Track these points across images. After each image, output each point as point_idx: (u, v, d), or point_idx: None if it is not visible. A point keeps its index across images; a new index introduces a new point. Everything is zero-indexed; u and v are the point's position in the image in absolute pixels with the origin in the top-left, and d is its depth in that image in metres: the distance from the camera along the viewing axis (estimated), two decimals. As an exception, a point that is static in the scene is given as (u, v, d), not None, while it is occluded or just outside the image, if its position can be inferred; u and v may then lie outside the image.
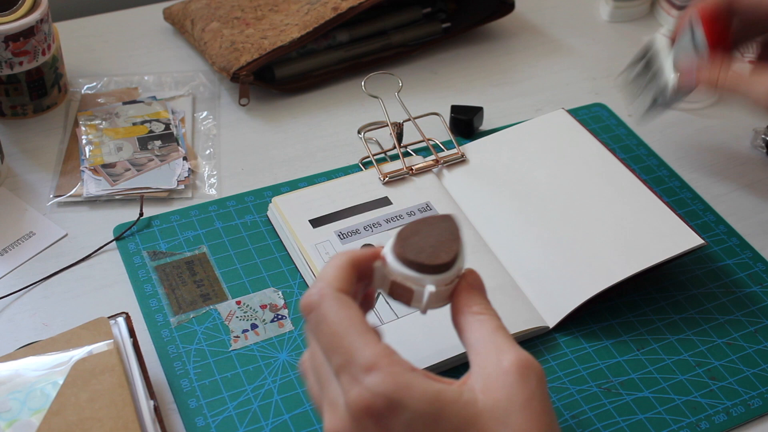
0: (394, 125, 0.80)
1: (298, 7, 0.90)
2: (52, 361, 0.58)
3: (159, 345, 0.65)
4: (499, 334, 0.49)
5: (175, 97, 0.87)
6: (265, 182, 0.79)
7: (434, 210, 0.74)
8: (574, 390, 0.64)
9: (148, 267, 0.71)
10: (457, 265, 0.51)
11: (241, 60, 0.85)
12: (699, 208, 0.78)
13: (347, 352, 0.46)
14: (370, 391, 0.44)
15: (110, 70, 0.91)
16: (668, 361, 0.66)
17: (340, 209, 0.73)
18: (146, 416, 0.57)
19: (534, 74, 0.94)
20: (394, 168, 0.77)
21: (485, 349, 0.48)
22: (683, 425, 0.62)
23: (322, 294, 0.48)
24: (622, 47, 0.99)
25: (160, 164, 0.79)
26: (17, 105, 0.83)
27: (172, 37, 0.96)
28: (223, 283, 0.70)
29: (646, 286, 0.71)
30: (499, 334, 0.49)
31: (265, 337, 0.66)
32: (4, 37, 0.78)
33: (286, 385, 0.63)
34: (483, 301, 0.51)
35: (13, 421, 0.54)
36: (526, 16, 1.02)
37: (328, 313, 0.47)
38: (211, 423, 0.61)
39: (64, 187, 0.77)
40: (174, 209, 0.76)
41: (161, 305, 0.68)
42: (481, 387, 0.46)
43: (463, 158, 0.79)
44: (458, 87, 0.91)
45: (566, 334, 0.67)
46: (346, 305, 0.47)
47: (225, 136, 0.84)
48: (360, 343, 0.46)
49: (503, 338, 0.49)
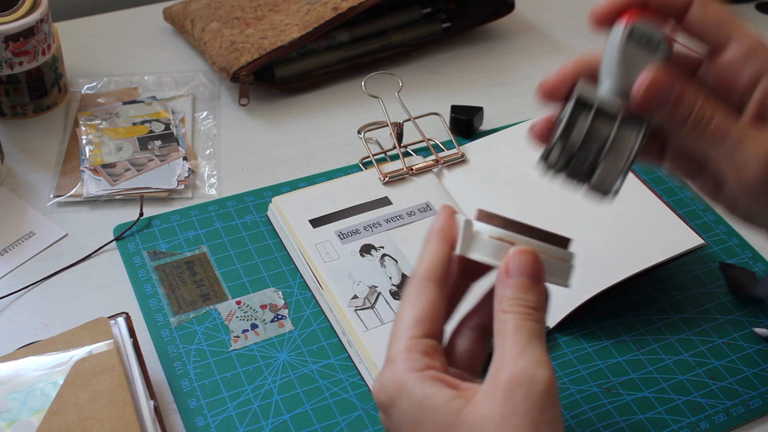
0: (394, 125, 0.80)
1: (298, 7, 0.90)
2: (52, 361, 0.58)
3: (159, 345, 0.65)
4: (512, 338, 0.47)
5: (175, 97, 0.87)
6: (265, 182, 0.79)
7: (434, 210, 0.74)
8: (574, 390, 0.64)
9: (148, 267, 0.71)
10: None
11: (241, 60, 0.85)
12: (699, 208, 0.78)
13: (391, 336, 0.50)
14: (379, 383, 0.49)
15: (110, 70, 0.91)
16: (668, 361, 0.66)
17: (340, 209, 0.73)
18: (146, 416, 0.57)
19: (534, 74, 0.94)
20: (394, 168, 0.77)
21: (495, 357, 0.47)
22: (683, 425, 0.62)
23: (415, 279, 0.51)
24: (622, 47, 0.99)
25: (160, 164, 0.79)
26: (17, 105, 0.83)
27: (172, 37, 0.96)
28: (223, 283, 0.70)
29: (646, 286, 0.71)
30: (512, 338, 0.47)
31: (265, 337, 0.66)
32: (4, 37, 0.78)
33: (286, 385, 0.63)
34: (519, 294, 0.48)
35: (13, 421, 0.54)
36: (526, 16, 1.02)
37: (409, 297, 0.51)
38: (211, 423, 0.61)
39: (64, 187, 0.77)
40: (174, 209, 0.76)
41: (161, 305, 0.68)
42: (478, 397, 0.46)
43: (463, 158, 0.79)
44: (458, 87, 0.91)
45: (566, 334, 0.67)
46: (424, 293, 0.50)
47: (225, 136, 0.84)
48: (394, 339, 0.50)
49: (513, 344, 0.47)
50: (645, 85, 0.50)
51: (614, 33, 0.52)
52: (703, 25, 0.53)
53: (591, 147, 0.52)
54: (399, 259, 0.70)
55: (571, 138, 0.52)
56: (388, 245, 0.71)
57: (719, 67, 0.53)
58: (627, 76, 0.51)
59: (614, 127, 0.51)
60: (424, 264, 0.51)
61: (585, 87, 0.52)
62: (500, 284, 0.49)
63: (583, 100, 0.52)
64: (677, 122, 0.51)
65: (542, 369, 0.46)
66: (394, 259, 0.70)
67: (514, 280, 0.49)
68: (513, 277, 0.49)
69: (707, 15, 0.52)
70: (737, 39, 0.52)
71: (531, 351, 0.46)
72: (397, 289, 0.68)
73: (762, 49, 0.52)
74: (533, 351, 0.47)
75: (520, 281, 0.49)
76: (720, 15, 0.52)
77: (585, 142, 0.52)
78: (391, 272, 0.69)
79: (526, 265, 0.49)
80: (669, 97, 0.51)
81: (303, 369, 0.64)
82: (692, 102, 0.51)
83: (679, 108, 0.51)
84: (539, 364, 0.46)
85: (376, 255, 0.70)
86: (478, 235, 0.51)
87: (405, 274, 0.69)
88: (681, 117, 0.51)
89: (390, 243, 0.71)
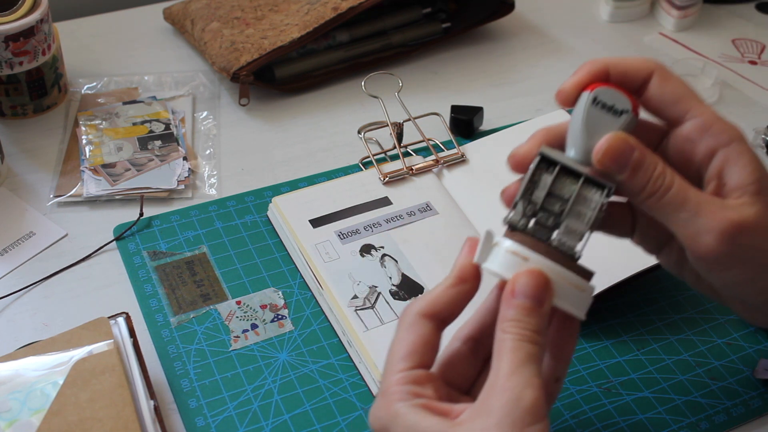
0: (394, 125, 0.80)
1: (298, 7, 0.90)
2: (52, 361, 0.58)
3: (159, 345, 0.65)
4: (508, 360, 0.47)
5: (175, 97, 0.87)
6: (265, 182, 0.79)
7: (434, 210, 0.74)
8: (574, 390, 0.64)
9: (148, 267, 0.71)
10: None
11: (241, 60, 0.85)
12: (699, 208, 0.78)
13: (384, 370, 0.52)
14: (373, 413, 0.50)
15: (110, 70, 0.91)
16: (668, 361, 0.66)
17: (340, 209, 0.73)
18: (146, 416, 0.57)
19: (534, 74, 0.94)
20: (394, 168, 0.77)
21: (491, 375, 0.48)
22: (683, 425, 0.62)
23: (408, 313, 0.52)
24: (622, 47, 0.99)
25: (160, 164, 0.79)
26: (17, 105, 0.83)
27: (172, 37, 0.96)
28: (223, 283, 0.70)
29: (646, 286, 0.71)
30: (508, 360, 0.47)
31: (265, 337, 0.66)
32: (4, 37, 0.78)
33: (286, 385, 0.63)
34: (520, 316, 0.48)
35: (13, 421, 0.54)
36: (526, 16, 1.02)
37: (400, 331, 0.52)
38: (211, 423, 0.61)
39: (64, 187, 0.77)
40: (174, 209, 0.76)
41: (161, 305, 0.68)
42: (465, 415, 0.47)
43: (463, 158, 0.79)
44: (458, 87, 0.91)
45: (566, 334, 0.67)
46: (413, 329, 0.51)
47: (225, 136, 0.84)
48: (390, 368, 0.51)
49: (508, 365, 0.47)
50: (605, 147, 0.51)
51: (580, 100, 0.52)
52: (661, 100, 0.54)
53: (553, 206, 0.52)
54: (399, 259, 0.70)
55: (534, 196, 0.52)
56: (388, 245, 0.71)
57: (677, 141, 0.55)
58: (590, 140, 0.51)
59: (578, 185, 0.51)
60: (425, 299, 0.52)
61: (549, 149, 0.52)
62: (505, 303, 0.49)
63: (548, 158, 0.52)
64: (637, 187, 0.52)
65: (530, 389, 0.46)
66: (394, 259, 0.70)
67: (519, 301, 0.48)
68: (518, 298, 0.48)
69: (665, 90, 0.54)
70: (694, 114, 0.54)
71: (523, 372, 0.47)
72: (397, 289, 0.68)
73: (718, 124, 0.53)
74: (525, 373, 0.47)
75: (523, 303, 0.48)
76: (677, 90, 0.54)
77: (547, 201, 0.52)
78: (391, 272, 0.69)
79: (532, 286, 0.49)
80: (628, 161, 0.51)
81: (303, 369, 0.64)
82: (651, 168, 0.51)
83: (639, 173, 0.51)
84: (528, 385, 0.46)
85: (376, 255, 0.70)
86: (496, 246, 0.51)
87: (405, 274, 0.69)
88: (640, 182, 0.52)
89: (390, 243, 0.71)
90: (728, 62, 0.97)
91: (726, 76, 0.95)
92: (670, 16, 1.01)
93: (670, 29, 1.02)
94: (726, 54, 0.98)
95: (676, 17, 1.01)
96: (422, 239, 0.71)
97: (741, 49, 0.99)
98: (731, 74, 0.95)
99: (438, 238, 0.71)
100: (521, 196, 0.52)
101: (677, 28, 1.02)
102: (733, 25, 1.03)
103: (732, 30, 1.02)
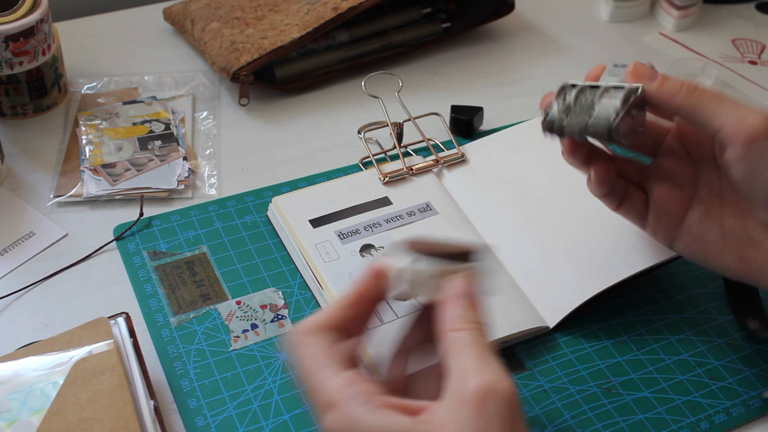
0: (394, 125, 0.80)
1: (298, 7, 0.90)
2: (52, 361, 0.58)
3: (159, 345, 0.65)
4: (469, 352, 0.47)
5: (175, 97, 0.87)
6: (265, 182, 0.79)
7: (434, 210, 0.74)
8: (574, 390, 0.64)
9: (148, 267, 0.71)
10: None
11: (241, 60, 0.85)
12: (699, 208, 0.78)
13: (313, 392, 0.49)
14: (329, 430, 0.47)
15: (110, 70, 0.91)
16: (668, 361, 0.66)
17: (340, 209, 0.73)
18: (146, 416, 0.57)
19: (534, 74, 0.94)
20: (394, 168, 0.77)
21: (453, 373, 0.47)
22: (683, 425, 0.62)
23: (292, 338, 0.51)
24: (622, 47, 0.99)
25: (160, 164, 0.79)
26: (17, 105, 0.83)
27: (172, 37, 0.96)
28: (223, 283, 0.70)
29: (646, 286, 0.71)
30: (469, 352, 0.47)
31: (265, 337, 0.66)
32: (4, 37, 0.78)
33: (286, 385, 0.63)
34: (466, 312, 0.49)
35: (13, 421, 0.54)
36: (526, 16, 1.02)
37: (298, 356, 0.50)
38: (211, 423, 0.61)
39: (64, 187, 0.77)
40: (174, 209, 0.76)
41: (161, 305, 0.68)
42: (440, 418, 0.46)
43: (463, 158, 0.79)
44: (458, 87, 0.91)
45: (566, 334, 0.67)
46: (311, 343, 0.50)
47: (225, 136, 0.84)
48: (321, 381, 0.48)
49: (472, 358, 0.47)
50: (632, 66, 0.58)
51: None
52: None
53: (586, 98, 0.58)
54: (399, 259, 0.70)
55: (567, 98, 0.59)
56: (388, 245, 0.71)
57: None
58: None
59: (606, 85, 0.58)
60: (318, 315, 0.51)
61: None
62: (446, 307, 0.50)
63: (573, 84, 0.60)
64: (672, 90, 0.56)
65: (505, 379, 0.46)
66: (394, 259, 0.70)
67: (461, 301, 0.50)
68: (460, 299, 0.50)
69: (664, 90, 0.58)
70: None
71: (491, 363, 0.47)
72: (397, 289, 0.68)
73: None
74: (492, 363, 0.47)
75: (465, 302, 0.50)
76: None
77: (579, 96, 0.59)
78: (391, 272, 0.69)
79: (464, 287, 0.51)
80: (656, 74, 0.57)
81: (303, 369, 0.64)
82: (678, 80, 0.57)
83: (669, 80, 0.56)
84: (501, 375, 0.46)
85: (376, 255, 0.70)
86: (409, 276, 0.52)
87: (405, 274, 0.69)
88: (674, 85, 0.56)
89: (390, 243, 0.71)
90: (728, 62, 0.97)
91: (726, 76, 0.95)
92: (670, 16, 1.01)
93: (670, 29, 1.02)
94: (726, 54, 0.98)
95: (676, 17, 1.01)
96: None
97: (741, 49, 0.99)
98: (731, 74, 0.95)
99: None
100: (557, 96, 0.60)
101: (677, 28, 1.02)
102: (733, 25, 1.03)
103: (732, 30, 1.02)
